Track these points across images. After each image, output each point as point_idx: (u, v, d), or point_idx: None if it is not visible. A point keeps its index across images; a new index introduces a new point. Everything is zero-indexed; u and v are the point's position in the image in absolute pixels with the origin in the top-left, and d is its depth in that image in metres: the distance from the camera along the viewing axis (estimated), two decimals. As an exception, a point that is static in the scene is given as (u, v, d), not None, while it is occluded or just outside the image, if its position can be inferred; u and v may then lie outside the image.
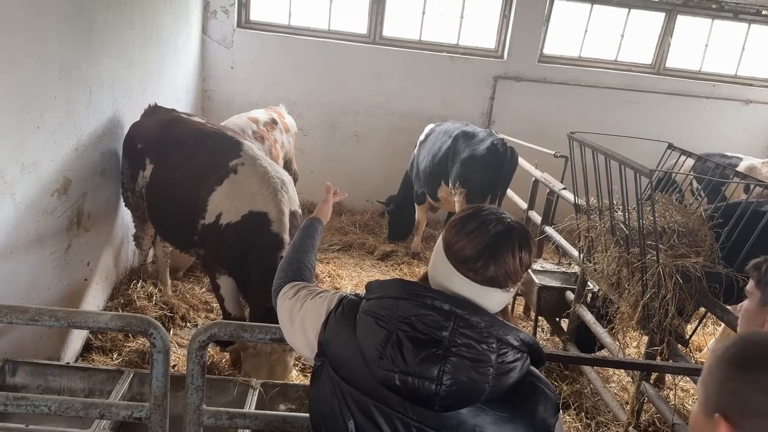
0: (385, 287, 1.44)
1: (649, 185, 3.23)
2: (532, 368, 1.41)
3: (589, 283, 4.21)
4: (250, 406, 2.86)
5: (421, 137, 6.20)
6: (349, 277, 5.73)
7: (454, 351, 1.31)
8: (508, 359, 1.33)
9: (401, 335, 1.35)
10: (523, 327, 5.07)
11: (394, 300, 1.39)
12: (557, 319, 4.69)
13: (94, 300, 4.23)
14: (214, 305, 4.74)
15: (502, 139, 5.34)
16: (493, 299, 1.40)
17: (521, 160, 5.60)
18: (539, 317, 4.74)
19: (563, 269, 4.83)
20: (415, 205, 6.34)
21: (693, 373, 2.78)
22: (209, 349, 3.98)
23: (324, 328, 1.53)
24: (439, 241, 1.47)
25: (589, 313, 4.07)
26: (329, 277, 5.59)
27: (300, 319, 1.63)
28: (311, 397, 1.56)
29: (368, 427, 1.41)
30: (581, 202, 3.97)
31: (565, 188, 4.64)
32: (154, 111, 4.55)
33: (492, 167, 5.20)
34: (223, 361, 4.03)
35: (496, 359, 1.32)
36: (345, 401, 1.44)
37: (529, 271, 4.71)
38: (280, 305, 1.75)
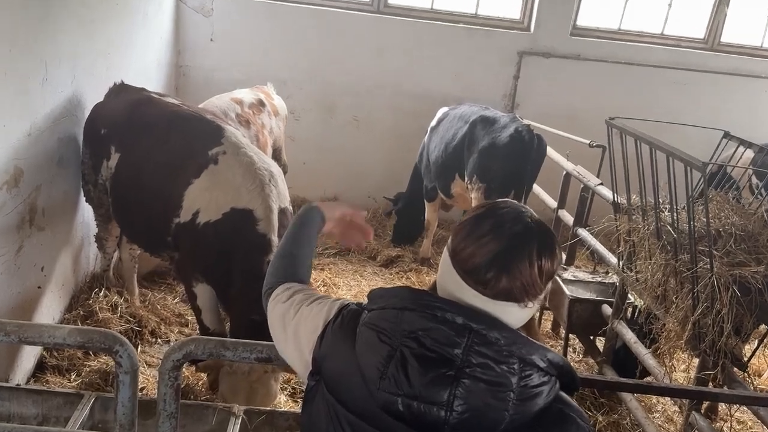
0: (390, 296, 1.45)
1: (702, 181, 3.22)
2: (562, 394, 1.41)
3: (629, 295, 4.19)
4: (232, 437, 2.86)
5: (433, 123, 6.20)
6: (347, 286, 5.74)
7: (468, 372, 1.31)
8: (533, 383, 1.33)
9: (406, 352, 1.35)
10: (552, 346, 5.07)
11: (398, 311, 1.40)
12: (591, 338, 4.68)
13: (49, 311, 4.24)
14: (189, 318, 4.75)
15: (528, 125, 5.34)
16: (510, 315, 1.40)
17: (550, 150, 5.58)
18: (570, 335, 4.74)
19: (599, 279, 4.82)
20: (425, 202, 6.34)
21: (752, 402, 2.77)
22: (184, 369, 4.00)
23: (320, 343, 1.53)
24: (446, 246, 1.47)
25: (629, 330, 4.06)
26: (324, 286, 5.60)
27: (293, 328, 1.63)
28: (303, 424, 1.56)
29: None
30: (621, 200, 3.96)
31: (601, 183, 4.62)
32: (120, 90, 4.56)
33: (516, 158, 5.19)
34: (200, 383, 4.04)
35: (518, 382, 1.31)
36: (342, 428, 1.44)
37: (559, 281, 4.71)
38: (271, 309, 1.75)
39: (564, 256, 5.14)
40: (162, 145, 3.99)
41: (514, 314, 1.40)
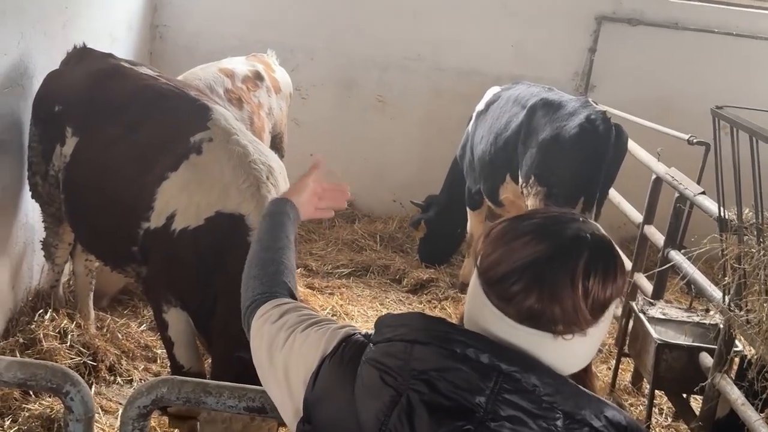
0: (398, 324, 1.46)
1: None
2: None
3: (737, 341, 4.13)
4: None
5: (480, 106, 6.20)
6: (363, 316, 5.74)
7: (493, 427, 1.31)
8: None
9: (414, 398, 1.35)
10: (631, 405, 5.02)
11: (408, 344, 1.41)
12: (685, 396, 4.61)
13: (-20, 336, 4.30)
14: (159, 351, 4.78)
15: (604, 112, 5.31)
16: (545, 351, 1.39)
17: (636, 148, 5.54)
18: (657, 391, 4.67)
19: (697, 318, 4.76)
20: (467, 210, 6.32)
21: None
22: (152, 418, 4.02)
23: (313, 382, 1.54)
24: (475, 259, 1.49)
25: (736, 388, 4.00)
26: (334, 315, 5.60)
27: (283, 361, 1.64)
28: None
29: None
30: (729, 215, 3.91)
31: (703, 193, 4.58)
32: (81, 56, 4.63)
33: (587, 155, 5.16)
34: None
35: None
36: None
37: (644, 319, 4.67)
38: (255, 332, 1.77)
39: (640, 283, 5.11)
40: (131, 128, 4.03)
41: (549, 350, 1.39)
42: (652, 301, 4.92)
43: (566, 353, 1.41)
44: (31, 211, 4.75)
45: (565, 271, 1.37)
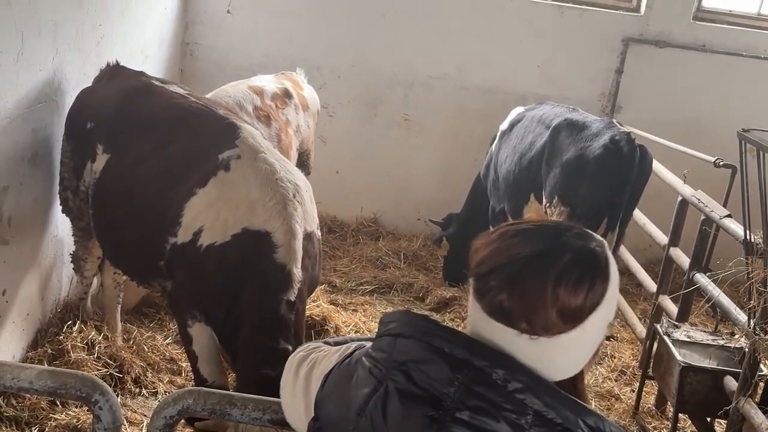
0: (389, 321, 1.54)
1: None
2: None
3: (762, 365, 4.09)
4: None
5: (504, 126, 6.21)
6: (387, 333, 5.73)
7: (458, 416, 1.34)
8: None
9: (391, 387, 1.42)
10: (655, 428, 4.97)
11: (393, 338, 1.49)
12: (709, 420, 4.58)
13: (9, 347, 4.34)
14: (183, 364, 4.81)
15: (628, 133, 5.29)
16: (519, 350, 1.41)
17: (662, 170, 5.51)
18: (680, 414, 4.64)
19: (722, 342, 4.72)
20: (491, 228, 6.30)
21: None
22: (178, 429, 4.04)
23: (323, 383, 1.62)
24: None
25: (760, 412, 3.96)
26: (357, 332, 5.60)
27: (307, 369, 1.73)
28: None
29: None
30: (756, 238, 3.88)
31: (730, 215, 4.55)
32: (114, 73, 4.69)
33: (611, 175, 5.14)
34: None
35: None
36: None
37: (668, 341, 4.64)
38: (290, 359, 1.86)
39: (665, 305, 5.06)
40: (161, 145, 4.07)
41: (523, 350, 1.42)
42: (677, 323, 4.90)
43: (543, 356, 1.43)
44: (61, 224, 4.80)
45: (539, 273, 1.41)
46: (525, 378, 1.37)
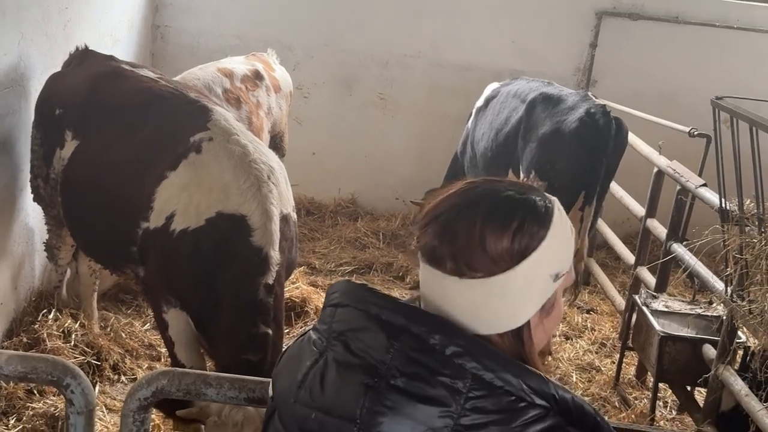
0: (332, 292, 1.53)
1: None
2: None
3: (740, 332, 4.12)
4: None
5: (480, 102, 6.19)
6: (367, 314, 5.73)
7: (392, 383, 1.34)
8: (496, 406, 1.30)
9: (329, 357, 1.42)
10: (635, 398, 5.01)
11: (333, 308, 1.48)
12: (689, 388, 4.61)
13: (-16, 337, 4.31)
14: (162, 350, 4.79)
15: (604, 105, 5.30)
16: (450, 294, 1.41)
17: (637, 142, 5.52)
18: (661, 384, 4.67)
19: (700, 310, 4.75)
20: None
21: None
22: (155, 415, 4.02)
23: (279, 360, 1.62)
24: None
25: (739, 379, 3.99)
26: (336, 312, 5.60)
27: None
28: None
29: None
30: (731, 206, 3.90)
31: (705, 185, 4.57)
32: (83, 58, 4.63)
33: (587, 148, 5.14)
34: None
35: (464, 405, 1.30)
36: None
37: (646, 312, 4.66)
38: None
39: (643, 276, 5.10)
40: (131, 130, 4.02)
41: (454, 297, 1.41)
42: (655, 294, 4.92)
43: (478, 302, 1.41)
44: (32, 212, 4.75)
45: (470, 215, 1.41)
46: (464, 342, 1.35)
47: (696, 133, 5.05)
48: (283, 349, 1.66)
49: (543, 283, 1.44)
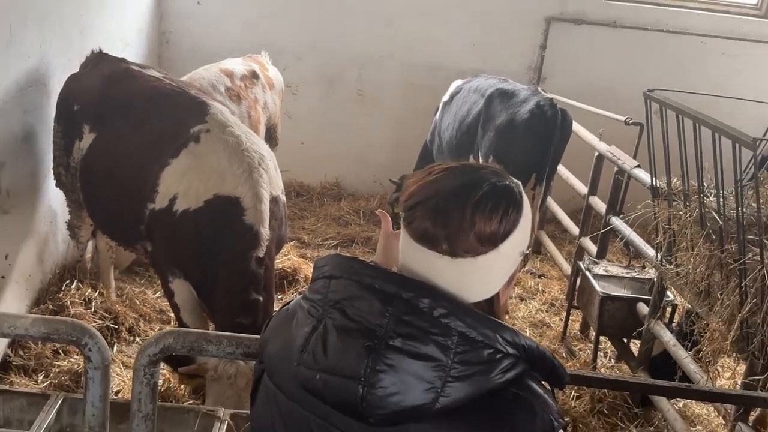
0: (322, 265, 1.49)
1: (753, 160, 3.18)
2: (529, 382, 1.38)
3: (668, 292, 4.16)
4: (216, 443, 2.86)
5: (445, 97, 6.16)
6: (349, 281, 5.72)
7: (391, 344, 1.32)
8: (478, 359, 1.32)
9: (329, 324, 1.38)
10: (580, 350, 5.05)
11: (327, 280, 1.44)
12: (625, 341, 4.65)
13: (14, 303, 4.25)
14: (171, 315, 4.73)
15: (551, 99, 5.30)
16: (440, 272, 1.39)
17: (581, 130, 5.53)
18: (601, 337, 4.71)
19: (634, 274, 4.79)
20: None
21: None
22: (164, 371, 4.01)
23: (265, 327, 1.59)
24: None
25: (667, 331, 4.04)
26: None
27: None
28: (251, 418, 1.58)
29: None
30: (660, 184, 3.92)
31: (639, 166, 4.59)
32: (97, 60, 4.55)
33: (537, 136, 5.14)
34: (183, 388, 4.04)
35: (455, 358, 1.31)
36: (281, 417, 1.45)
37: (589, 276, 4.69)
38: None
39: (586, 246, 5.13)
40: (140, 124, 3.97)
41: (443, 273, 1.39)
42: (596, 260, 4.95)
43: (463, 278, 1.40)
44: (54, 196, 4.68)
45: (459, 201, 1.38)
46: (448, 304, 1.34)
47: (631, 121, 5.06)
48: (267, 320, 1.62)
49: (514, 258, 1.46)
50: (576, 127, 5.48)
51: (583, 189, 5.51)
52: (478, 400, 1.31)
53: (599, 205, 5.23)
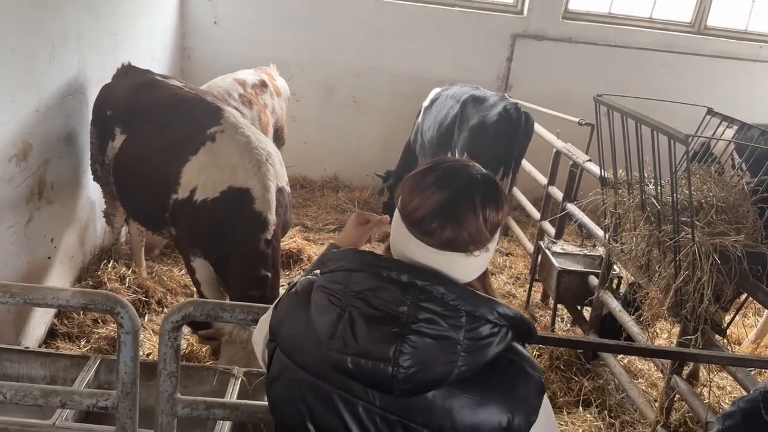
0: (338, 258, 1.43)
1: (685, 154, 3.19)
2: (515, 345, 1.39)
3: (615, 266, 4.19)
4: (231, 396, 2.86)
5: (426, 103, 6.15)
6: (346, 259, 5.72)
7: (414, 328, 1.30)
8: (481, 335, 1.32)
9: (354, 312, 1.34)
10: (540, 316, 5.07)
11: (347, 273, 1.39)
12: (579, 308, 4.68)
13: (59, 281, 4.23)
14: (194, 289, 4.73)
15: (516, 103, 5.29)
16: (457, 266, 1.38)
17: (542, 130, 5.54)
18: (559, 305, 4.73)
19: (586, 251, 4.81)
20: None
21: (730, 362, 2.76)
22: (188, 337, 4.00)
23: (275, 310, 1.54)
24: (396, 204, 1.46)
25: (614, 300, 4.06)
26: (323, 260, 5.58)
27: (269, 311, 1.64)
28: (268, 395, 1.53)
29: (328, 419, 1.39)
30: (608, 175, 3.93)
31: (590, 160, 4.60)
32: (127, 72, 4.51)
33: (504, 135, 5.16)
34: (204, 350, 4.04)
35: (465, 335, 1.31)
36: (300, 390, 1.42)
37: (548, 253, 4.70)
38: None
39: (546, 228, 5.14)
40: (163, 126, 3.94)
41: (461, 265, 1.38)
42: (554, 240, 4.97)
43: (468, 265, 1.40)
44: (92, 188, 4.65)
45: (468, 206, 1.36)
46: (456, 290, 1.33)
47: (583, 122, 5.07)
48: (278, 300, 1.57)
49: (497, 240, 1.45)
50: (537, 127, 5.49)
51: (543, 180, 5.52)
52: (486, 366, 1.33)
53: (557, 193, 5.23)
